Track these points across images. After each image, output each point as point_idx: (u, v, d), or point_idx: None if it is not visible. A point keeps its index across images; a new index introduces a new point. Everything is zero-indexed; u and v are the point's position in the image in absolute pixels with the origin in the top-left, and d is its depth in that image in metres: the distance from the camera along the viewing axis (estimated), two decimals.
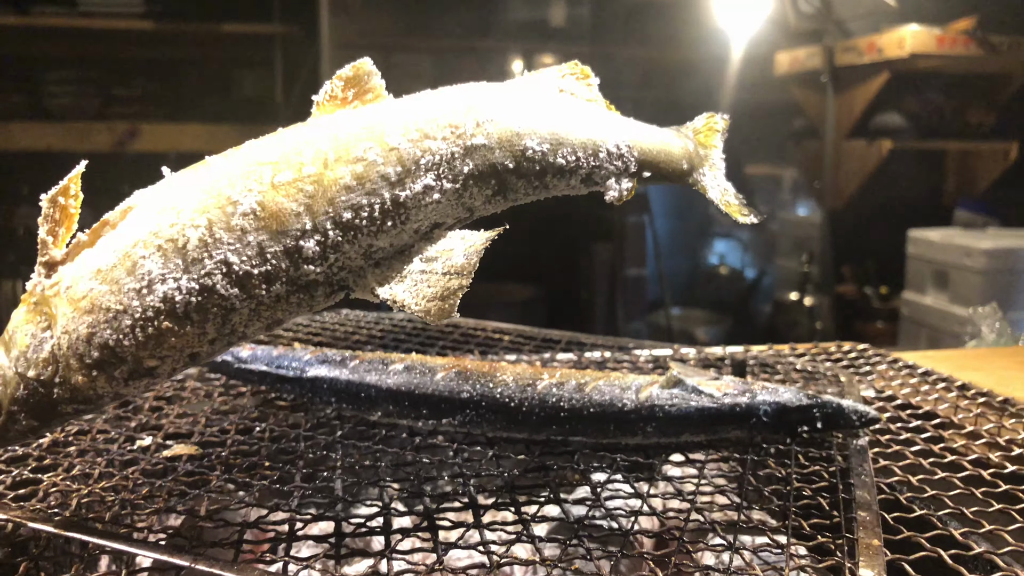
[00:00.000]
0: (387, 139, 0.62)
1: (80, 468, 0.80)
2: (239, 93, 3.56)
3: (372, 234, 0.61)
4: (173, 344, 0.59)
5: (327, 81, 0.66)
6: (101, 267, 0.59)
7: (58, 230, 0.62)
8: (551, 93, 0.72)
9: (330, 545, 0.68)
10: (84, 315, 0.59)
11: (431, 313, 0.61)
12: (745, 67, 3.81)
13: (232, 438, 0.89)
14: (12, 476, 0.77)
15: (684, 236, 4.56)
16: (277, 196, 0.59)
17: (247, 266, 0.59)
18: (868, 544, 0.66)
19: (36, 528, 0.65)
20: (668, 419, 0.84)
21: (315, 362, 0.95)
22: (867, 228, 3.87)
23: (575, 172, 0.68)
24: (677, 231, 4.47)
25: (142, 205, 0.61)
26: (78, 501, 0.73)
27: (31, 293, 0.62)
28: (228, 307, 0.59)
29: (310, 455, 0.84)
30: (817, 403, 0.86)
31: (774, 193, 4.51)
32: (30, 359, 0.60)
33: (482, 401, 0.86)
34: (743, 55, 3.78)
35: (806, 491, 0.78)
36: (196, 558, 0.60)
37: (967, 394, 1.06)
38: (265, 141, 0.63)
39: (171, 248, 0.58)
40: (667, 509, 0.80)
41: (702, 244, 4.72)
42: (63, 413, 0.62)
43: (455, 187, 0.63)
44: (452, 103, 0.65)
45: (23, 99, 3.20)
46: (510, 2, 3.79)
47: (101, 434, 0.90)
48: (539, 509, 0.75)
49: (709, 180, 0.81)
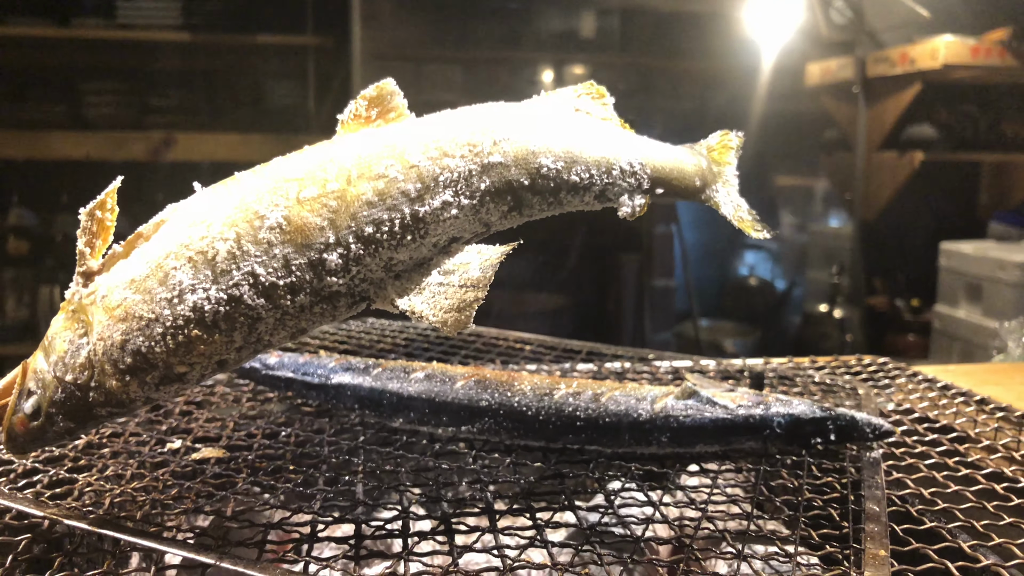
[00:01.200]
0: (408, 157, 0.64)
1: (113, 469, 0.83)
2: (273, 103, 3.62)
3: (392, 248, 0.64)
4: (202, 351, 0.62)
5: (352, 100, 0.69)
6: (135, 277, 0.62)
7: (95, 242, 0.65)
8: (566, 112, 0.75)
9: (350, 546, 0.71)
10: (118, 323, 0.61)
11: (448, 324, 0.63)
12: (776, 78, 3.80)
13: (259, 442, 0.92)
14: (49, 475, 0.81)
15: (713, 247, 4.54)
16: (302, 211, 0.62)
17: (273, 277, 0.62)
18: (875, 555, 0.67)
19: (71, 525, 0.68)
20: (682, 429, 0.85)
21: (339, 369, 0.98)
22: (899, 240, 3.84)
23: (589, 189, 0.70)
24: (706, 241, 4.46)
25: (174, 218, 0.64)
26: (111, 500, 0.76)
27: (69, 301, 0.65)
28: (254, 316, 0.62)
29: (333, 460, 0.87)
30: (831, 415, 0.87)
31: (805, 204, 4.49)
32: (68, 364, 0.63)
33: (500, 409, 0.88)
34: (774, 66, 3.78)
35: (817, 502, 0.79)
36: (222, 556, 0.62)
37: (985, 408, 1.07)
38: (291, 158, 0.66)
39: (201, 260, 0.61)
40: (679, 517, 0.82)
41: (731, 255, 4.69)
42: (98, 416, 0.65)
43: (472, 203, 0.66)
44: (470, 122, 0.67)
45: (63, 109, 3.28)
46: (541, 13, 3.82)
47: (133, 437, 0.93)
48: (554, 515, 0.77)
49: (722, 196, 0.82)
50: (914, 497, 0.83)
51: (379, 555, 0.72)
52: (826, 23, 3.70)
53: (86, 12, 3.17)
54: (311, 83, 3.51)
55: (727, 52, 3.88)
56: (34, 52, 3.27)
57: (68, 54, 3.32)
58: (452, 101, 0.72)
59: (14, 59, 3.26)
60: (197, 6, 3.26)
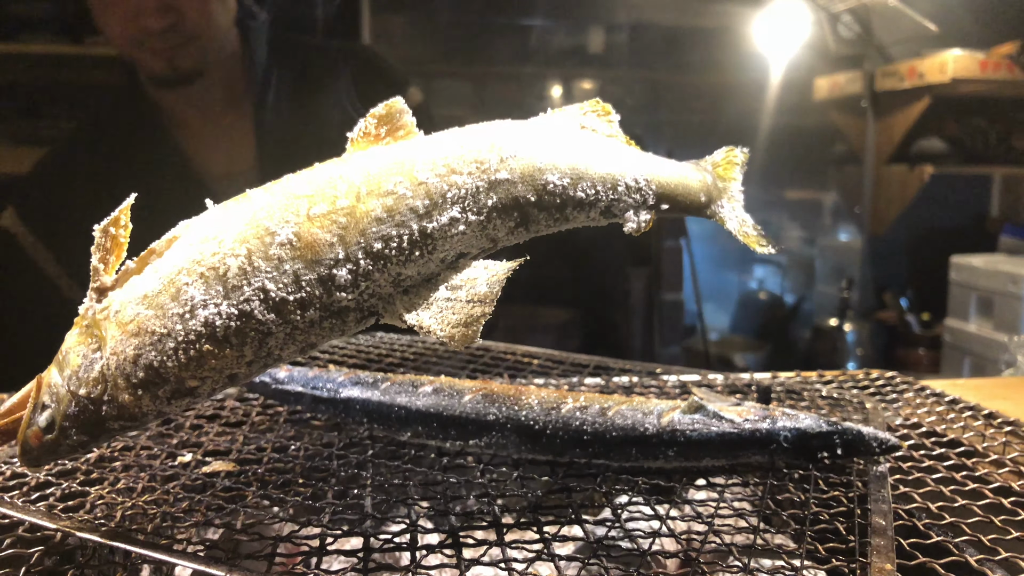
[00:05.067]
0: (416, 174, 0.65)
1: (125, 482, 0.84)
2: None
3: (401, 263, 0.65)
4: (213, 366, 0.63)
5: (361, 119, 0.70)
6: (147, 293, 0.63)
7: (109, 258, 0.66)
8: (572, 129, 0.75)
9: (358, 560, 0.71)
10: (131, 338, 0.62)
11: (455, 339, 0.64)
12: (785, 92, 3.82)
13: (268, 456, 0.93)
14: (62, 488, 0.82)
15: (722, 260, 4.55)
16: (312, 227, 0.63)
17: (283, 293, 0.62)
18: (881, 568, 0.67)
19: (83, 537, 0.69)
20: (689, 444, 0.86)
21: (348, 383, 0.99)
22: (908, 254, 3.84)
23: (594, 205, 0.71)
24: (715, 255, 4.46)
25: (186, 235, 0.65)
26: (122, 513, 0.77)
27: (83, 316, 0.66)
28: (265, 331, 0.63)
29: (342, 473, 0.88)
30: (837, 430, 0.87)
31: (814, 218, 4.49)
32: (81, 378, 0.64)
33: (508, 423, 0.88)
34: (782, 80, 3.79)
35: (823, 516, 0.79)
36: (232, 569, 0.63)
37: (993, 423, 1.07)
38: (301, 175, 0.67)
39: (212, 276, 0.62)
40: (686, 531, 0.82)
41: (741, 269, 4.70)
42: (110, 429, 0.66)
43: (479, 219, 0.67)
44: (477, 140, 0.68)
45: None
46: (550, 29, 3.84)
47: (144, 450, 0.94)
48: (561, 529, 0.78)
49: (727, 212, 0.83)
50: (921, 511, 0.83)
51: (387, 568, 0.73)
52: (834, 37, 3.71)
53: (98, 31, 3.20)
54: None
55: (736, 67, 3.89)
56: (48, 69, 3.31)
57: (81, 71, 3.35)
58: (462, 117, 0.73)
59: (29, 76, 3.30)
60: None
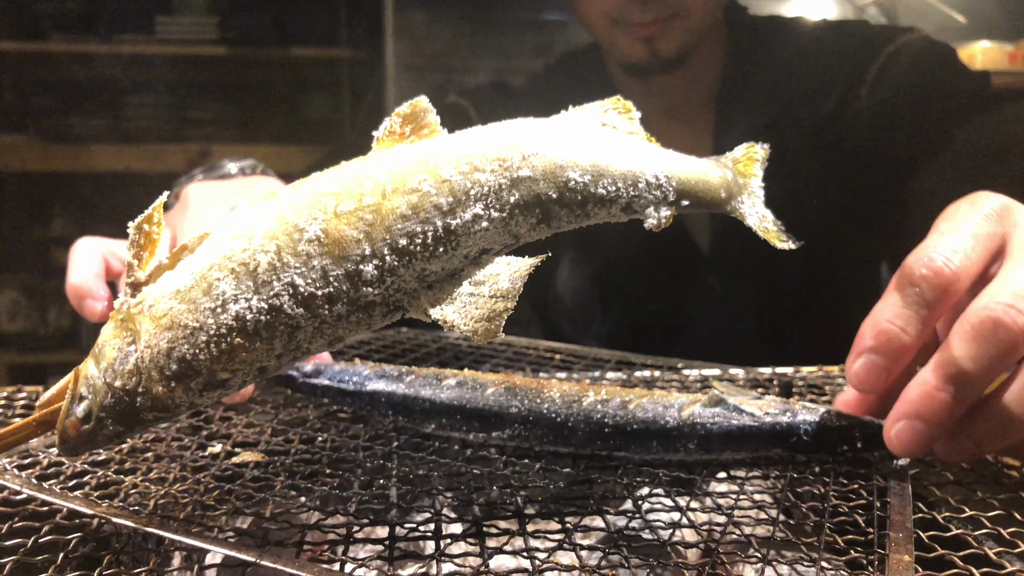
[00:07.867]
0: (440, 172, 0.67)
1: (157, 472, 0.87)
2: (307, 115, 3.68)
3: (425, 259, 0.66)
4: (244, 358, 0.65)
5: (387, 118, 0.71)
6: (180, 288, 0.65)
7: (142, 254, 0.68)
8: (593, 127, 0.77)
9: (384, 547, 0.73)
10: (164, 331, 0.64)
11: (478, 333, 0.65)
12: None
13: (296, 447, 0.95)
14: (97, 477, 0.84)
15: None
16: (339, 224, 0.65)
17: (311, 288, 0.64)
18: (899, 560, 0.68)
19: (120, 523, 0.71)
20: (710, 437, 0.87)
21: (374, 377, 1.01)
22: None
23: (615, 201, 0.72)
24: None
25: (217, 232, 0.67)
26: (155, 501, 0.79)
27: (118, 311, 0.68)
28: (294, 325, 0.65)
29: (368, 464, 0.89)
30: (858, 423, 0.87)
31: None
32: (116, 370, 0.66)
33: (530, 416, 0.90)
34: None
35: (843, 508, 0.80)
36: (262, 555, 0.65)
37: None
38: (328, 173, 0.69)
39: (243, 271, 0.64)
40: (707, 523, 0.83)
41: None
42: (144, 420, 0.68)
43: (502, 216, 0.68)
44: (500, 138, 0.70)
45: (104, 122, 3.36)
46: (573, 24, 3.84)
47: (176, 441, 0.96)
48: (582, 520, 0.79)
49: (748, 208, 0.84)
50: (940, 504, 0.84)
51: (413, 556, 0.75)
52: None
53: (126, 29, 3.25)
54: (345, 95, 3.57)
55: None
56: (76, 67, 3.36)
57: (109, 69, 3.40)
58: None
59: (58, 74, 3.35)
60: (233, 21, 3.33)
